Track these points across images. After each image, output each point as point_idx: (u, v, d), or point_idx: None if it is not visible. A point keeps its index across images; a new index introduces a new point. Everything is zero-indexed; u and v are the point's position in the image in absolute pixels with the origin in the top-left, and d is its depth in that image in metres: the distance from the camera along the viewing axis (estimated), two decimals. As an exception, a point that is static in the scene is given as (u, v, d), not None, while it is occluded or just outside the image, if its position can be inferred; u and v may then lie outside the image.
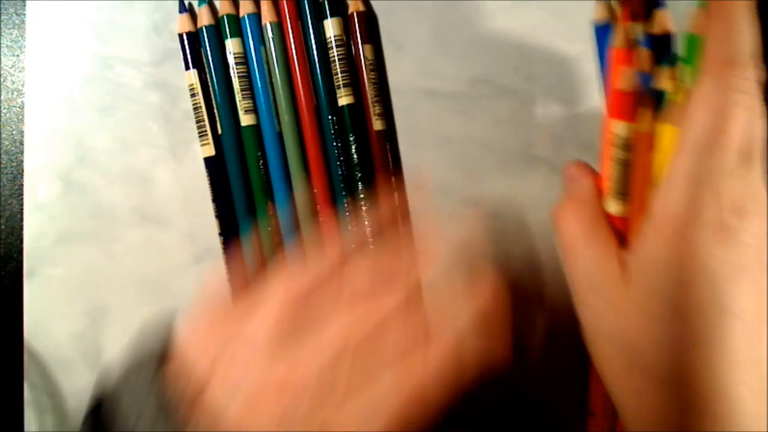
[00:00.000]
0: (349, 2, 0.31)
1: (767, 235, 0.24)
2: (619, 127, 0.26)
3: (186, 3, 0.31)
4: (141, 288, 0.32)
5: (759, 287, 0.24)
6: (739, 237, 0.23)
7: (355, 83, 0.30)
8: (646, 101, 0.26)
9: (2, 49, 0.34)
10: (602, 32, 0.27)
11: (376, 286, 0.24)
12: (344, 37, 0.30)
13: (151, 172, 0.32)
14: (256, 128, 0.31)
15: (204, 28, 0.31)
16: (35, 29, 0.32)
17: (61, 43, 0.32)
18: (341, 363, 0.23)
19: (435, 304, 0.25)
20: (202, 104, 0.31)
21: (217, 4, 0.31)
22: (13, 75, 0.34)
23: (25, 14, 0.33)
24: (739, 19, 0.24)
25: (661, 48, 0.26)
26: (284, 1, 0.30)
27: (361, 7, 0.31)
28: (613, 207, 0.27)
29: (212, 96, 0.31)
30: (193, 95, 0.31)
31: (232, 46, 0.31)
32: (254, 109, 0.31)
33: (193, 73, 0.31)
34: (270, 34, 0.30)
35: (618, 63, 0.27)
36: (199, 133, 0.31)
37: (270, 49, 0.30)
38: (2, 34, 0.34)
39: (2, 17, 0.34)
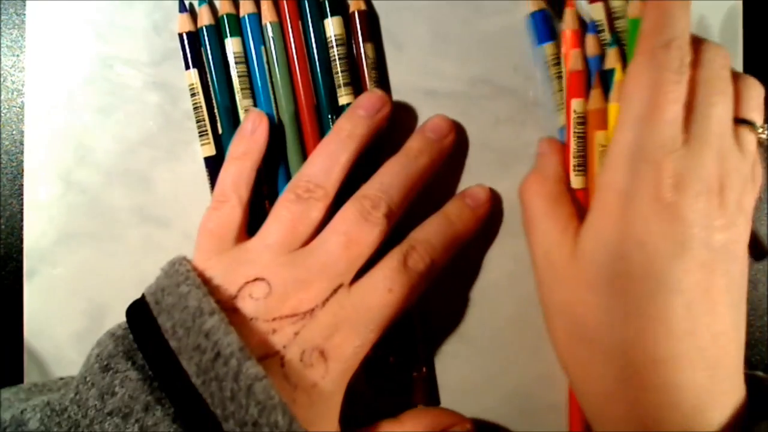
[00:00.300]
0: (350, 1, 0.31)
1: (719, 216, 0.24)
2: (575, 104, 0.28)
3: (186, 3, 0.31)
4: (141, 288, 0.32)
5: (703, 265, 0.24)
6: (680, 213, 0.24)
7: (355, 82, 0.30)
8: (597, 81, 0.28)
9: (2, 49, 0.34)
10: (538, 20, 0.30)
11: (360, 216, 0.26)
12: (345, 36, 0.30)
13: (151, 172, 0.32)
14: None
15: (204, 27, 0.31)
16: (35, 29, 0.32)
17: (61, 43, 0.32)
18: (339, 297, 0.26)
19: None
20: (203, 104, 0.31)
21: (218, 4, 0.31)
22: (13, 75, 0.34)
23: (25, 14, 0.33)
24: (676, 7, 0.25)
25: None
26: (284, 1, 0.30)
27: (363, 6, 0.31)
28: (575, 181, 0.28)
29: (212, 96, 0.31)
30: (193, 95, 0.31)
31: (232, 45, 0.31)
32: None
33: (193, 73, 0.31)
34: (270, 34, 0.30)
35: (568, 46, 0.29)
36: (199, 132, 0.31)
37: (270, 48, 0.30)
38: (2, 34, 0.34)
39: (2, 17, 0.34)
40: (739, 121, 0.26)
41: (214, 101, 0.31)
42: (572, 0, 0.29)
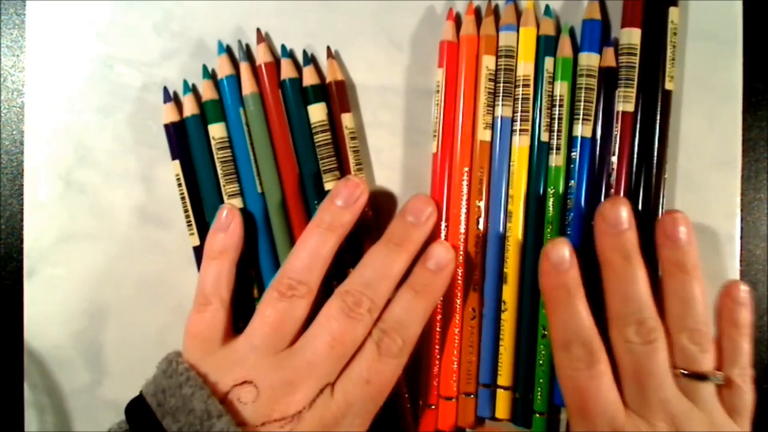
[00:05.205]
0: (326, 72, 0.31)
1: None
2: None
3: (171, 92, 0.31)
4: (141, 288, 0.32)
5: None
6: None
7: (341, 167, 0.30)
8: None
9: (2, 49, 0.34)
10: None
11: (345, 312, 0.27)
12: (328, 123, 0.30)
13: (151, 172, 0.32)
14: (242, 212, 0.30)
15: (189, 118, 0.30)
16: (35, 29, 0.32)
17: (61, 43, 0.32)
18: (324, 397, 0.26)
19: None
20: (186, 195, 0.31)
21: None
22: (13, 75, 0.34)
23: (25, 14, 0.33)
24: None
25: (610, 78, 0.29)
26: (269, 92, 0.30)
27: (339, 77, 0.30)
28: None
29: (199, 184, 0.31)
30: (179, 185, 0.31)
31: (214, 131, 0.30)
32: (240, 193, 0.30)
33: (178, 164, 0.31)
34: (251, 106, 0.30)
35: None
36: (186, 222, 0.31)
37: (252, 122, 0.30)
38: (2, 34, 0.34)
39: (2, 17, 0.34)
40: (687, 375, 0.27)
41: (200, 189, 0.31)
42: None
